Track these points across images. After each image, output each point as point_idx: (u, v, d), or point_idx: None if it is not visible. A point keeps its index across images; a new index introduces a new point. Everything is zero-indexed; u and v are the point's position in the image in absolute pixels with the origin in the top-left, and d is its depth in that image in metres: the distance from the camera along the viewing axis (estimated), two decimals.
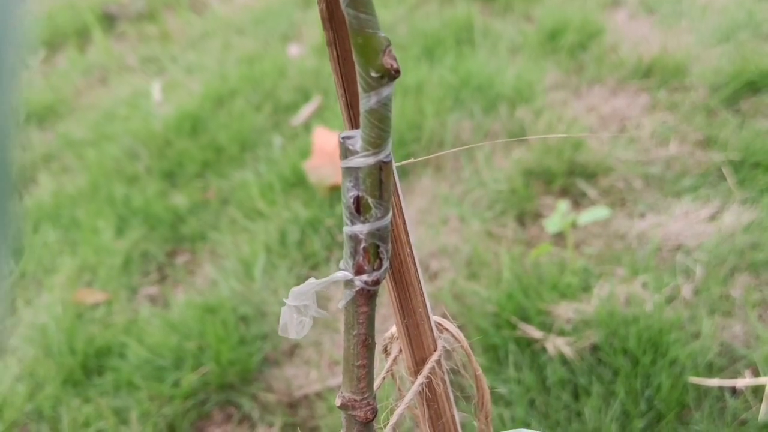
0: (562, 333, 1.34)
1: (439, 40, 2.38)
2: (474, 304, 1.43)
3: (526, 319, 1.37)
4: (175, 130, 2.17)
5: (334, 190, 1.73)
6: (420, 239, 1.64)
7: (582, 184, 1.71)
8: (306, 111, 2.20)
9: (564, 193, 1.70)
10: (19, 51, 0.14)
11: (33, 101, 2.56)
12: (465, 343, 0.57)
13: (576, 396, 1.25)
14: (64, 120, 2.48)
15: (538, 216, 1.65)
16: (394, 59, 0.36)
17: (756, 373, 1.23)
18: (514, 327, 1.36)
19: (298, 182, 1.85)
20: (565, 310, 1.37)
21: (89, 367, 1.44)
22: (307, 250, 1.65)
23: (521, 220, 1.65)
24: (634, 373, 1.24)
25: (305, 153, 1.92)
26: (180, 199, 1.89)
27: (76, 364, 1.44)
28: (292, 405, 1.34)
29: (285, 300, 0.49)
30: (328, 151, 1.78)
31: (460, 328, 1.37)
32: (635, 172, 1.73)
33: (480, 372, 0.58)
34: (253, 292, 1.56)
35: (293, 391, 1.36)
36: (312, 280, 0.46)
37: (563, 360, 1.29)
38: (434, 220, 1.69)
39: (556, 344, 1.31)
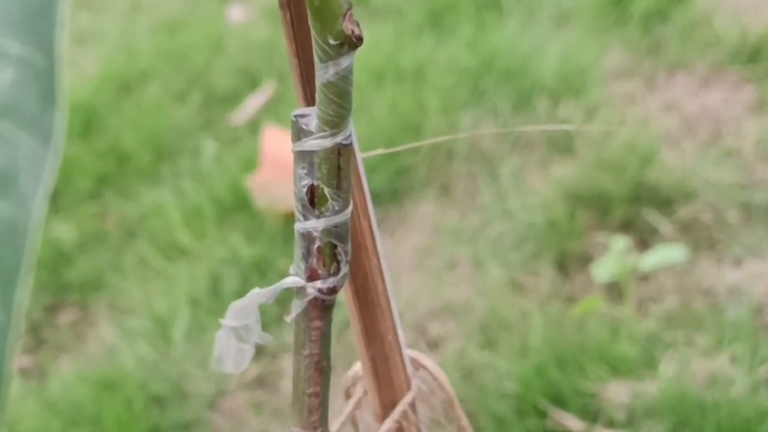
0: (611, 424, 1.48)
1: (450, 3, 2.53)
2: (489, 384, 1.57)
3: (562, 404, 1.51)
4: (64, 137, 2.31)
5: (291, 219, 1.85)
6: (416, 293, 1.77)
7: (652, 216, 1.85)
8: (252, 104, 2.34)
9: (626, 227, 1.84)
10: None
11: None
12: (446, 383, 0.72)
13: None
14: None
15: (586, 260, 1.79)
16: (356, 24, 0.49)
17: None
18: (543, 415, 1.50)
19: (238, 206, 1.98)
20: (617, 392, 1.51)
21: None
22: None
23: (562, 265, 1.79)
24: None
25: (250, 164, 2.05)
26: (65, 230, 2.03)
27: None
28: None
29: (222, 320, 0.64)
30: (282, 161, 1.90)
31: (470, 416, 1.49)
32: (730, 200, 1.86)
33: (465, 422, 0.73)
34: (171, 363, 1.70)
35: None
36: (255, 290, 0.61)
37: None
38: (437, 264, 1.83)
39: None
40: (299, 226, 0.57)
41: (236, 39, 2.58)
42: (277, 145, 1.95)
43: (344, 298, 0.68)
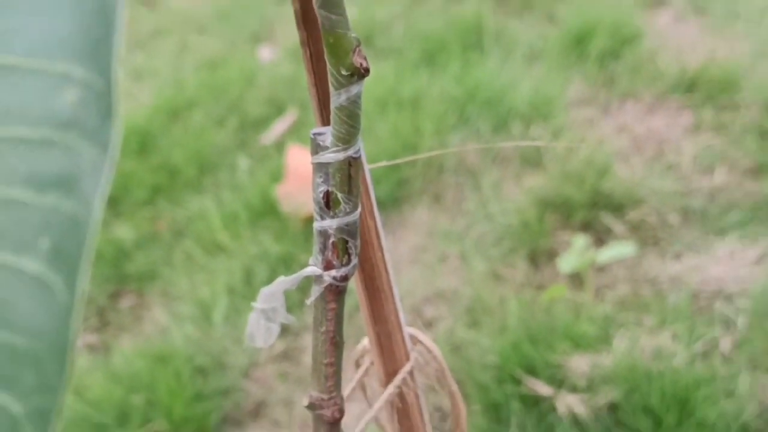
0: (575, 389, 1.48)
1: (442, 44, 2.55)
2: (474, 357, 1.58)
3: (534, 373, 1.51)
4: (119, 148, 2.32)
5: (311, 221, 1.87)
6: (413, 282, 1.78)
7: (607, 218, 1.86)
8: (279, 127, 2.35)
9: (585, 227, 1.86)
10: None
11: None
12: (439, 356, 0.72)
13: None
14: None
15: (552, 254, 1.80)
16: (364, 58, 0.51)
17: None
18: (519, 382, 1.51)
19: (267, 211, 2.00)
20: (579, 363, 1.52)
21: None
22: None
23: (533, 258, 1.80)
24: None
25: (277, 176, 2.07)
26: (125, 231, 2.04)
27: None
28: None
29: (253, 304, 0.64)
30: (303, 174, 1.93)
31: (458, 383, 1.51)
32: (672, 205, 1.88)
33: (455, 388, 0.73)
34: (212, 340, 1.71)
35: None
36: (281, 278, 0.61)
37: (575, 420, 1.44)
38: (431, 259, 1.84)
39: (568, 402, 1.46)
40: (317, 224, 0.58)
41: (265, 74, 2.60)
42: (299, 161, 1.98)
43: (354, 286, 0.68)
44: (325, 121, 0.59)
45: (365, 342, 0.72)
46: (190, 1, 3.20)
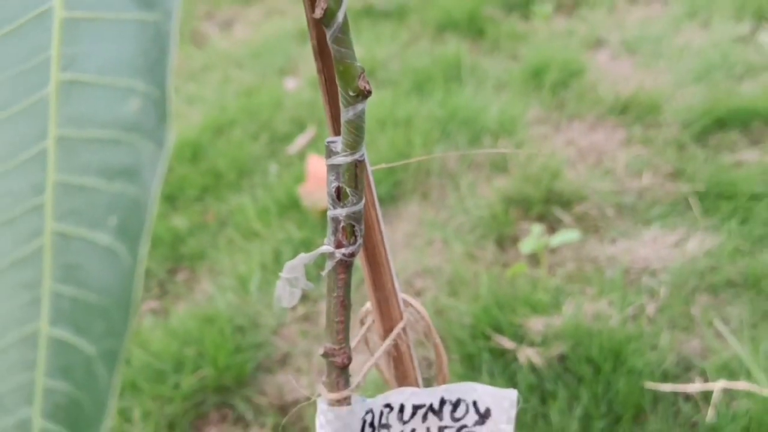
0: (532, 344, 1.48)
1: (428, 77, 2.55)
2: (453, 318, 1.58)
3: (500, 331, 1.51)
4: (176, 157, 2.32)
5: (327, 215, 1.87)
6: (406, 261, 1.78)
7: (558, 211, 1.86)
8: (301, 141, 2.35)
9: (540, 219, 1.86)
10: None
11: None
12: (426, 316, 0.71)
13: (543, 400, 1.39)
14: None
15: (515, 240, 1.80)
16: (367, 83, 0.51)
17: (707, 381, 1.37)
18: (488, 338, 1.50)
19: (292, 206, 2.00)
20: (535, 324, 1.52)
21: None
22: None
23: (500, 243, 1.80)
24: (596, 379, 1.38)
25: (299, 179, 2.07)
26: (180, 221, 2.04)
27: None
28: (283, 408, 1.48)
29: (280, 274, 0.64)
30: (321, 177, 1.93)
31: (441, 339, 1.52)
32: (609, 201, 1.88)
33: (438, 341, 0.72)
34: (248, 305, 1.70)
35: (284, 395, 1.50)
36: (302, 255, 0.61)
37: (533, 368, 1.44)
38: (420, 243, 1.84)
39: (527, 354, 1.45)
40: (330, 212, 0.58)
41: (290, 100, 2.60)
42: (317, 167, 1.98)
43: (360, 262, 0.68)
44: (337, 132, 0.59)
45: (368, 305, 0.72)
46: (231, 42, 3.19)
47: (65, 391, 0.25)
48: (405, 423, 0.66)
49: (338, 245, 0.58)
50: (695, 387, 1.35)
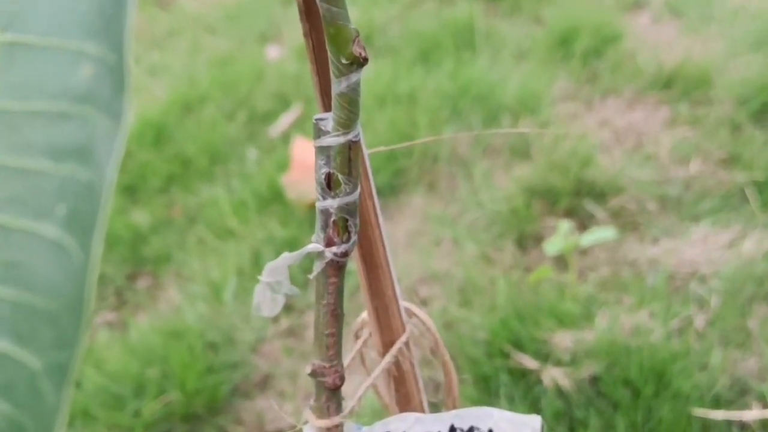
0: (559, 363, 1.48)
1: (436, 44, 2.54)
2: (465, 333, 1.58)
3: (521, 348, 1.52)
4: (136, 140, 2.32)
5: (314, 208, 1.87)
6: (409, 264, 1.78)
7: (589, 205, 1.86)
8: (285, 120, 2.35)
9: (569, 214, 1.86)
10: None
11: None
12: (433, 328, 0.71)
13: (572, 430, 1.39)
14: None
15: (539, 239, 1.80)
16: (363, 48, 0.51)
17: (766, 407, 1.38)
18: (507, 356, 1.51)
19: (274, 199, 2.00)
20: (563, 339, 1.52)
21: None
22: None
23: (521, 242, 1.80)
24: (634, 405, 1.38)
25: (283, 166, 2.07)
26: (142, 217, 2.04)
27: None
28: None
29: (259, 278, 0.64)
30: (308, 164, 1.93)
31: (451, 356, 1.51)
32: (650, 193, 1.88)
33: (448, 358, 0.73)
34: (222, 318, 1.71)
35: (265, 423, 1.50)
36: (286, 254, 0.61)
37: (559, 392, 1.44)
38: (426, 242, 1.84)
39: (553, 375, 1.46)
40: (319, 204, 0.58)
41: (272, 72, 2.60)
42: (304, 152, 1.98)
43: (354, 267, 0.68)
44: (327, 108, 0.59)
45: (364, 315, 0.72)
46: (202, 3, 3.20)
47: (5, 412, 0.25)
48: None
49: (329, 243, 0.58)
50: (752, 414, 1.35)
